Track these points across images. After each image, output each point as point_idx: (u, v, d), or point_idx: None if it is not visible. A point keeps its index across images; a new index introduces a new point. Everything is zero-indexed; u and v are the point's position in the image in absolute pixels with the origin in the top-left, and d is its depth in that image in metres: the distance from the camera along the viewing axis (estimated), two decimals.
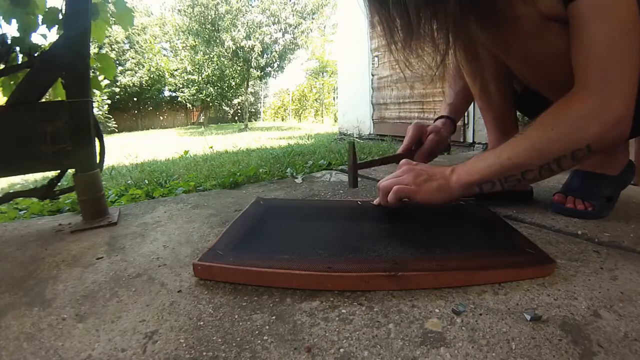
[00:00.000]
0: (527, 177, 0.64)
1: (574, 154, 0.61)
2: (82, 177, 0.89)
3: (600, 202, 0.82)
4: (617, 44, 0.58)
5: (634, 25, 0.58)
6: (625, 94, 0.59)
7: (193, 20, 12.81)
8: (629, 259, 0.61)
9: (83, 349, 0.43)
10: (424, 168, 0.72)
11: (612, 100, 0.59)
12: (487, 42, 0.76)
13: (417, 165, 0.74)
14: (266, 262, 0.56)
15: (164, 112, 19.91)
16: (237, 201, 1.07)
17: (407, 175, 0.71)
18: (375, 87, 3.52)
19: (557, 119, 0.63)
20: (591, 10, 0.58)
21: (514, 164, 0.64)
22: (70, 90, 0.88)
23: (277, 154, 2.22)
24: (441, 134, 0.95)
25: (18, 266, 0.67)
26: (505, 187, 0.66)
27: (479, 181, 0.67)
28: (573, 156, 0.61)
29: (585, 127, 0.60)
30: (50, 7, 0.98)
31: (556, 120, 0.62)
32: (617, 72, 0.59)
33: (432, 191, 0.69)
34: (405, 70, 0.62)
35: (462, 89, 1.01)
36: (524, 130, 0.66)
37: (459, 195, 0.69)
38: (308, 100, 21.23)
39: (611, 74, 0.59)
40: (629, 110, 0.59)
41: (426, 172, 0.71)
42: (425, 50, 0.61)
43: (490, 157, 0.67)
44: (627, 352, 0.40)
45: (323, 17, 14.41)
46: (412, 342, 0.42)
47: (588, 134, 0.60)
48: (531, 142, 0.64)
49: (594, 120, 0.60)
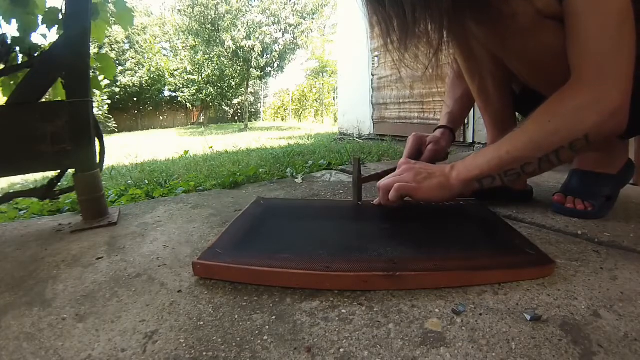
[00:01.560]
0: (527, 170, 0.64)
1: (572, 144, 0.61)
2: (82, 177, 0.89)
3: (600, 202, 0.82)
4: (611, 35, 0.59)
5: (628, 16, 0.59)
6: (621, 84, 0.59)
7: (193, 20, 12.81)
8: (629, 259, 0.61)
9: (83, 349, 0.43)
10: (423, 166, 0.73)
11: (609, 90, 0.59)
12: (484, 39, 0.76)
13: (417, 164, 0.74)
14: (265, 261, 0.56)
15: (164, 112, 19.91)
16: (237, 201, 1.07)
17: (407, 173, 0.72)
18: (375, 87, 3.52)
19: (554, 111, 0.63)
20: (585, 3, 0.59)
21: (514, 157, 0.64)
22: (70, 90, 0.88)
23: (277, 154, 2.22)
24: (440, 144, 0.97)
25: (18, 266, 0.67)
26: (505, 181, 0.66)
27: (479, 176, 0.67)
28: (571, 147, 0.62)
29: (583, 118, 0.61)
30: (50, 7, 0.98)
31: (553, 113, 0.63)
32: (612, 63, 0.59)
33: (432, 189, 0.69)
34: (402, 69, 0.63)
35: (461, 96, 1.02)
36: (521, 124, 0.66)
37: (459, 191, 0.69)
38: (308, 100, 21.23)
39: (607, 65, 0.60)
40: (626, 101, 0.60)
41: (426, 170, 0.72)
42: (421, 49, 0.62)
43: (489, 152, 0.67)
44: (627, 352, 0.40)
45: (323, 17, 14.40)
46: (412, 342, 0.42)
47: (586, 124, 0.60)
48: (529, 135, 0.64)
49: (591, 111, 0.60)
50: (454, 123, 1.03)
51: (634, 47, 0.60)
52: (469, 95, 0.97)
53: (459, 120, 1.05)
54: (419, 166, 0.73)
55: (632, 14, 0.59)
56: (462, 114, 1.05)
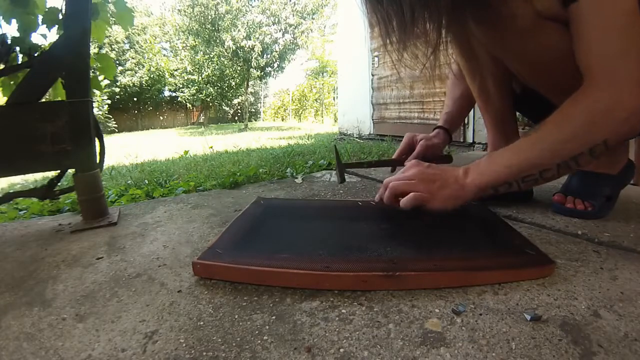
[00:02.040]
0: (545, 175, 0.64)
1: (591, 150, 0.61)
2: (82, 177, 0.89)
3: (600, 202, 0.82)
4: (620, 37, 0.58)
5: (636, 17, 0.58)
6: (634, 87, 0.59)
7: (193, 20, 12.80)
8: (629, 259, 0.62)
9: (83, 349, 0.43)
10: (436, 172, 0.69)
11: (622, 95, 0.59)
12: (483, 39, 0.76)
13: (429, 168, 0.70)
14: (265, 261, 0.56)
15: (164, 112, 19.90)
16: (237, 201, 1.07)
17: (419, 180, 0.68)
18: (375, 87, 3.52)
19: (571, 117, 0.62)
20: (591, 6, 0.59)
21: (532, 164, 0.63)
22: (70, 90, 0.88)
23: (277, 154, 2.22)
24: (432, 140, 0.98)
25: (18, 266, 0.67)
26: (522, 187, 0.65)
27: (495, 183, 0.65)
28: (591, 153, 0.61)
29: (600, 123, 0.60)
30: (50, 7, 0.98)
31: (571, 119, 0.62)
32: (623, 66, 0.59)
33: (446, 198, 0.67)
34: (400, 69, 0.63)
35: (459, 97, 1.02)
36: (537, 129, 0.65)
37: (473, 198, 0.67)
38: (308, 100, 21.22)
39: (617, 68, 0.59)
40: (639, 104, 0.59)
41: (440, 178, 0.68)
42: (420, 49, 0.61)
43: (505, 158, 0.65)
44: (627, 352, 0.40)
45: (323, 17, 14.40)
46: (412, 342, 0.42)
47: (604, 130, 0.60)
48: (545, 142, 0.63)
49: (608, 117, 0.60)
50: (450, 123, 1.04)
51: None
52: (468, 95, 0.97)
53: (457, 121, 1.06)
54: (431, 172, 0.69)
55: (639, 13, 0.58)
56: (460, 114, 1.06)
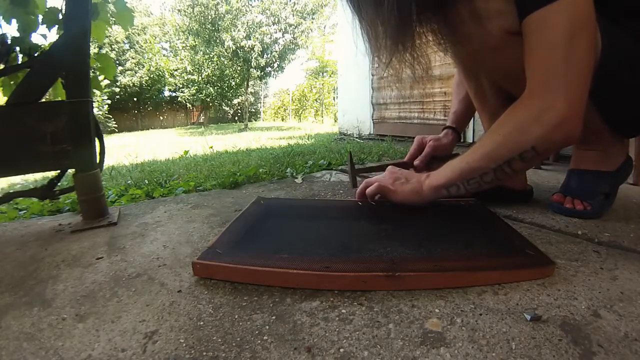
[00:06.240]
0: (485, 179, 0.70)
1: (521, 155, 0.65)
2: (82, 177, 0.89)
3: (598, 200, 0.82)
4: (560, 49, 0.61)
5: (583, 27, 0.60)
6: (568, 95, 0.61)
7: (193, 20, 12.80)
8: (629, 259, 0.62)
9: (83, 349, 0.43)
10: (404, 173, 0.82)
11: (554, 102, 0.62)
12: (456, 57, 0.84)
13: (400, 171, 0.83)
14: (265, 261, 0.56)
15: (164, 112, 19.89)
16: (237, 201, 1.07)
17: (389, 177, 0.81)
18: (375, 87, 3.52)
19: (503, 124, 0.68)
20: (537, 21, 0.62)
21: (472, 168, 0.70)
22: (70, 90, 0.88)
23: (277, 154, 2.22)
24: (440, 141, 1.04)
25: (18, 266, 0.67)
26: (468, 189, 0.72)
27: (446, 184, 0.73)
28: (522, 158, 0.66)
29: (528, 130, 0.64)
30: (50, 7, 0.98)
31: (503, 126, 0.68)
32: (560, 75, 0.61)
33: (406, 193, 0.77)
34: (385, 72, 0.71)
35: (465, 96, 1.05)
36: (481, 137, 0.73)
37: (430, 197, 0.76)
38: (308, 100, 21.22)
39: (554, 77, 0.62)
40: (574, 112, 0.62)
41: (405, 176, 0.80)
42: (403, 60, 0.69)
43: (455, 163, 0.73)
44: (627, 352, 0.40)
45: (323, 17, 14.40)
46: (412, 342, 0.42)
47: (531, 136, 0.64)
48: (484, 147, 0.69)
49: (535, 124, 0.63)
50: (458, 122, 1.08)
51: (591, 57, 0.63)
52: None
53: (464, 119, 1.09)
54: (400, 172, 0.82)
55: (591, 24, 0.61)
56: (466, 113, 1.08)
